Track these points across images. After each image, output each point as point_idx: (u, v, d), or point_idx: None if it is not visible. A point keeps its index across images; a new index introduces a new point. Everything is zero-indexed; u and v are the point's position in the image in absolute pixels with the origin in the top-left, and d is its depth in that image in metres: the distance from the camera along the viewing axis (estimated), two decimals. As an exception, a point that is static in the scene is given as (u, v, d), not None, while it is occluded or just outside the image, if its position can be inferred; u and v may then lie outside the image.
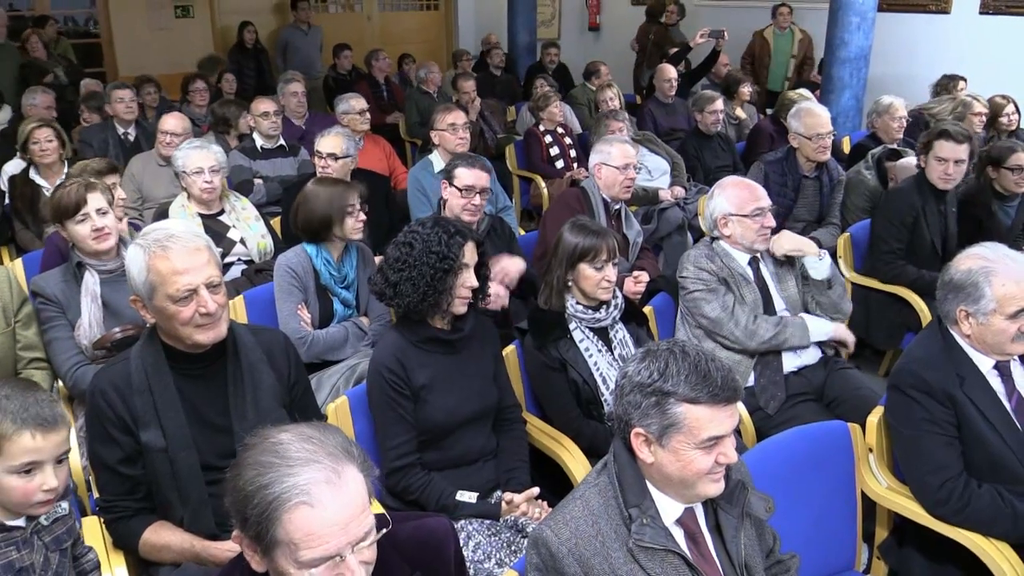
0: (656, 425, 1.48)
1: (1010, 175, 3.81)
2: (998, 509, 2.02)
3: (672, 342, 1.55)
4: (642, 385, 1.49)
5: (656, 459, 1.50)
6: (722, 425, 1.47)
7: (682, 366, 1.47)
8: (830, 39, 6.16)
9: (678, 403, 1.46)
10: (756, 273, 2.89)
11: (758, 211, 2.82)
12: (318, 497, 1.22)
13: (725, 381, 1.46)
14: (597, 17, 10.38)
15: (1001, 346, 2.11)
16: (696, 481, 1.50)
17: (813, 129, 4.00)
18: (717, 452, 1.48)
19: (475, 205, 3.21)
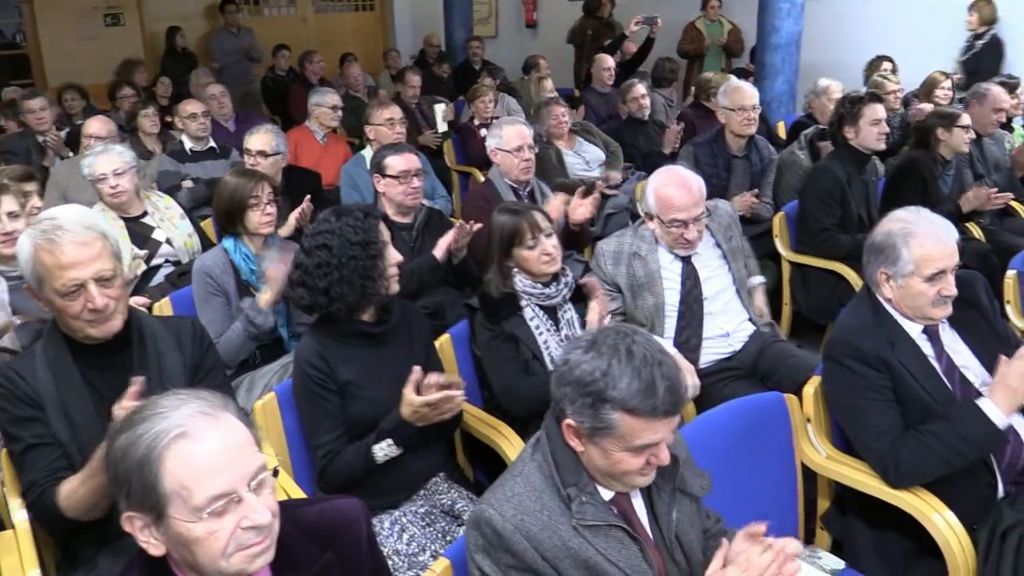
0: (588, 424, 1.42)
1: (962, 134, 3.91)
2: (922, 445, 2.02)
3: (622, 334, 1.45)
4: (580, 382, 1.42)
5: (585, 450, 1.46)
6: (658, 434, 1.41)
7: (625, 370, 1.38)
8: (761, 26, 6.22)
9: (615, 410, 1.39)
10: (685, 264, 2.81)
11: (676, 223, 2.73)
12: (196, 429, 1.19)
13: (668, 393, 1.38)
14: (534, 14, 10.37)
15: (922, 309, 2.11)
16: (623, 477, 1.46)
17: (738, 102, 4.03)
18: (649, 454, 1.43)
19: (415, 188, 3.18)
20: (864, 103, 3.71)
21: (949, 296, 2.09)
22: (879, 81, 5.22)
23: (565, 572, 1.40)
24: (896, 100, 5.17)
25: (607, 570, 1.42)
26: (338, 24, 10.58)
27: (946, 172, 4.01)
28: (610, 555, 1.43)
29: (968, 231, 4.03)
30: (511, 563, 1.40)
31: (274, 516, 1.25)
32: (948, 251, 2.09)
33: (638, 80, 5.54)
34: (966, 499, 2.04)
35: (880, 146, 3.78)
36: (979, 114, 4.32)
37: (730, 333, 2.82)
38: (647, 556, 1.47)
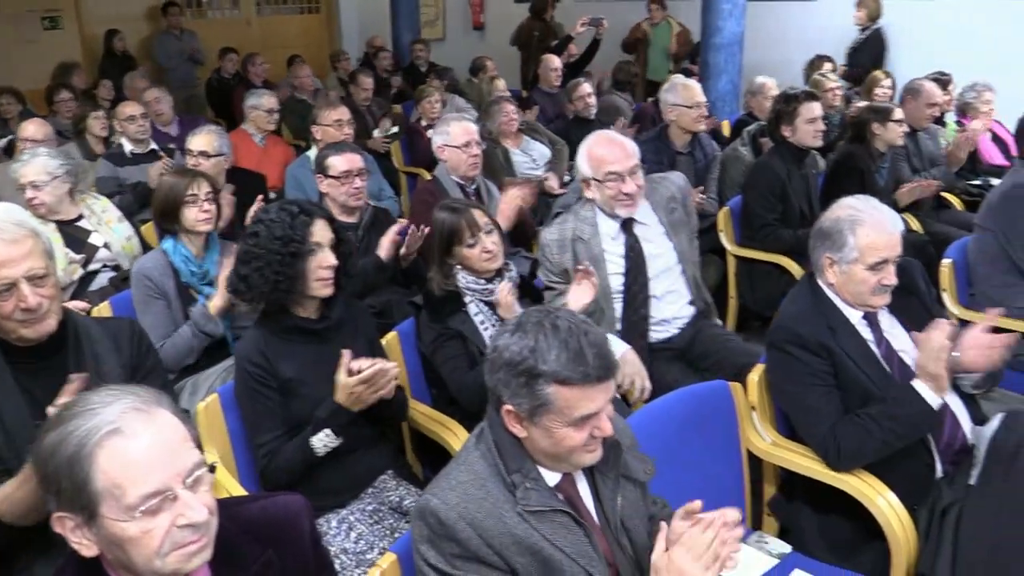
0: (527, 405, 1.41)
1: (895, 128, 4.02)
2: (862, 428, 2.06)
3: (545, 312, 1.47)
4: (511, 363, 1.42)
5: (528, 434, 1.45)
6: (595, 402, 1.41)
7: (552, 343, 1.39)
8: (705, 26, 6.32)
9: (548, 384, 1.39)
10: (628, 238, 2.79)
11: (612, 176, 2.71)
12: (128, 425, 1.15)
13: (598, 359, 1.39)
14: (481, 16, 10.39)
15: (862, 296, 2.16)
16: (570, 455, 1.45)
17: (692, 99, 4.08)
18: (591, 427, 1.42)
19: (357, 188, 3.14)
20: (800, 102, 3.77)
21: (889, 285, 2.14)
22: (818, 80, 5.33)
23: (511, 559, 1.39)
24: (835, 98, 5.29)
25: (553, 555, 1.41)
26: (283, 26, 10.46)
27: (882, 165, 4.12)
28: (556, 540, 1.42)
29: (906, 223, 4.13)
30: (456, 552, 1.39)
31: (211, 514, 1.22)
32: (893, 242, 2.13)
33: (584, 79, 5.57)
34: (906, 480, 2.08)
35: (817, 143, 3.85)
36: (913, 109, 4.45)
37: (671, 319, 2.84)
38: (593, 541, 1.47)
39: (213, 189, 2.84)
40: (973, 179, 4.63)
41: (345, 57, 8.37)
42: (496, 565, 1.39)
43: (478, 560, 1.39)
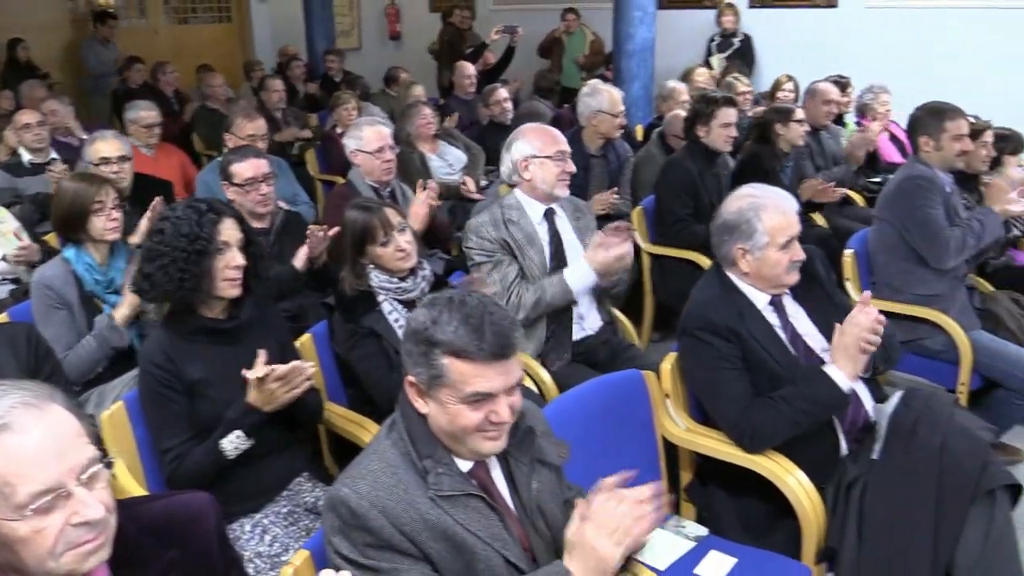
0: (425, 375, 1.43)
1: (797, 128, 4.18)
2: (773, 410, 2.12)
3: (459, 292, 1.49)
4: (415, 332, 1.44)
5: (429, 410, 1.45)
6: (490, 382, 1.41)
7: (454, 316, 1.41)
8: (616, 33, 6.44)
9: (443, 355, 1.40)
10: (550, 225, 2.86)
11: (560, 153, 2.82)
12: (18, 420, 1.11)
13: (496, 337, 1.40)
14: (397, 26, 10.36)
15: (779, 277, 2.23)
16: (466, 437, 1.44)
17: (616, 107, 4.16)
18: (487, 409, 1.42)
19: (263, 195, 3.07)
20: (719, 105, 3.87)
21: (799, 261, 2.22)
22: (731, 83, 5.49)
23: (424, 545, 1.38)
24: (746, 101, 5.45)
25: (466, 539, 1.40)
26: (193, 36, 10.21)
27: (786, 164, 4.27)
28: (469, 525, 1.42)
29: (811, 219, 4.30)
30: (368, 541, 1.37)
31: (109, 511, 1.18)
32: (794, 219, 2.22)
33: (501, 85, 5.61)
34: (814, 459, 2.15)
35: (727, 148, 3.95)
36: (812, 108, 4.63)
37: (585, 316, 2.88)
38: (507, 525, 1.47)
39: (120, 196, 2.75)
40: (874, 177, 4.82)
41: (259, 67, 8.23)
42: (409, 552, 1.38)
43: (391, 548, 1.37)
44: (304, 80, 7.92)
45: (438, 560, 1.39)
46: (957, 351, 3.00)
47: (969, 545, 1.91)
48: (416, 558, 1.38)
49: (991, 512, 1.93)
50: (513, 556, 1.45)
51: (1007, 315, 3.21)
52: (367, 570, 1.37)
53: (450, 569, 1.40)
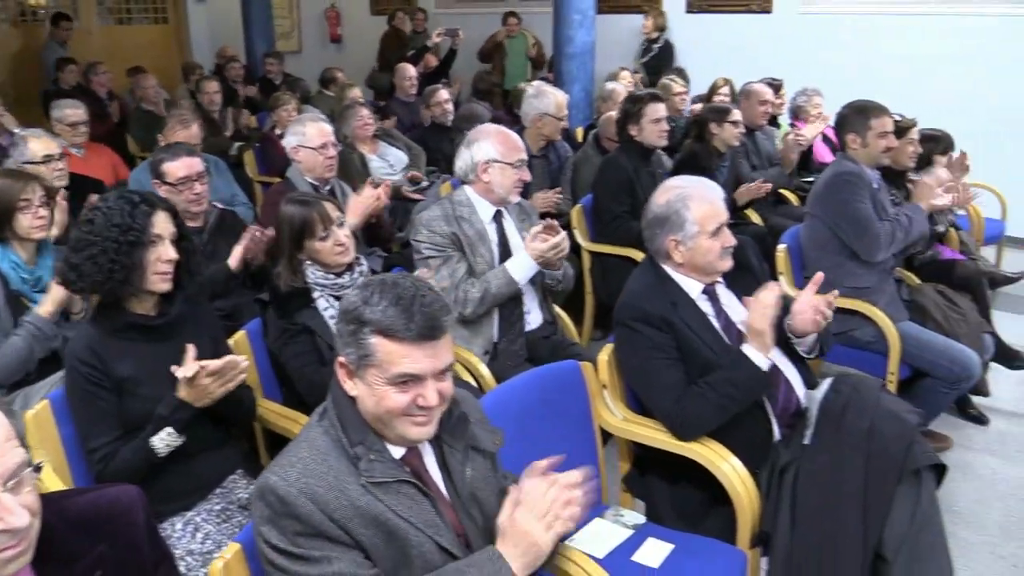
0: (354, 355, 1.42)
1: (732, 129, 4.26)
2: (702, 396, 2.15)
3: (396, 277, 1.47)
4: (346, 311, 1.44)
5: (358, 392, 1.44)
6: (417, 363, 1.40)
7: (385, 296, 1.40)
8: (556, 36, 6.50)
9: (372, 334, 1.39)
10: (498, 227, 2.89)
11: (520, 161, 2.85)
12: None
13: (425, 318, 1.39)
14: (338, 29, 10.29)
15: (712, 265, 2.27)
16: (392, 420, 1.42)
17: (561, 109, 4.21)
18: (415, 393, 1.41)
19: (196, 194, 3.01)
20: (645, 103, 3.94)
21: (731, 247, 2.26)
22: (666, 84, 5.58)
23: (355, 532, 1.36)
24: (682, 102, 5.55)
25: (399, 525, 1.39)
26: (128, 37, 9.98)
27: (722, 164, 4.35)
28: (401, 511, 1.40)
29: (747, 217, 4.39)
30: (298, 529, 1.34)
31: (33, 515, 1.13)
32: (721, 207, 2.27)
33: (442, 86, 5.61)
34: (748, 445, 2.19)
35: (662, 143, 4.03)
36: (748, 109, 4.73)
37: (529, 311, 2.89)
38: (440, 512, 1.46)
39: (47, 193, 2.68)
40: (807, 177, 4.94)
41: (197, 68, 8.10)
42: (340, 539, 1.36)
43: (321, 536, 1.35)
44: (243, 82, 7.81)
45: (370, 547, 1.38)
46: (886, 342, 3.09)
47: (896, 524, 1.96)
48: (348, 546, 1.36)
49: (917, 492, 1.99)
50: (446, 542, 1.44)
51: (933, 307, 3.31)
52: (298, 559, 1.35)
53: (383, 556, 1.39)
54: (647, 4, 7.67)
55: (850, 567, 1.97)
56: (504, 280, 2.75)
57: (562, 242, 2.75)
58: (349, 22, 10.23)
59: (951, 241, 4.20)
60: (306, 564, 1.34)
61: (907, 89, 5.29)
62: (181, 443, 1.98)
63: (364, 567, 1.36)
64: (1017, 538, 2.86)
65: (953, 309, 3.33)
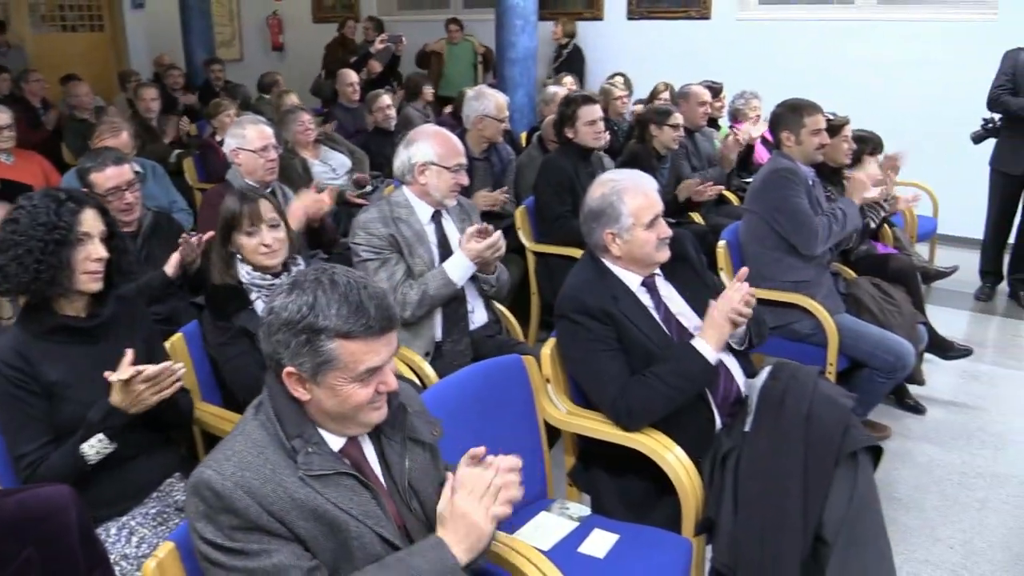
0: (309, 364, 1.37)
1: (671, 132, 4.33)
2: (647, 386, 2.17)
3: (320, 270, 1.43)
4: (290, 323, 1.37)
5: (313, 396, 1.41)
6: (379, 355, 1.39)
7: (332, 298, 1.36)
8: (499, 42, 6.56)
9: (331, 339, 1.36)
10: (438, 227, 2.88)
11: (459, 165, 2.84)
12: None
13: (379, 311, 1.38)
14: (280, 37, 10.19)
15: (650, 256, 2.29)
16: (358, 414, 1.42)
17: (502, 111, 4.21)
18: (376, 382, 1.41)
19: (128, 204, 2.93)
20: (579, 105, 3.98)
21: (667, 238, 2.29)
22: (607, 88, 5.64)
23: (293, 524, 1.34)
24: (623, 105, 5.61)
25: (337, 517, 1.37)
26: (62, 45, 9.74)
27: (663, 165, 4.41)
28: (341, 503, 1.38)
29: (690, 217, 4.45)
30: (234, 524, 1.31)
31: None
32: (655, 198, 2.30)
33: (384, 91, 5.60)
34: (691, 435, 2.21)
35: (598, 144, 4.06)
36: (688, 111, 4.81)
37: (472, 310, 2.88)
38: (381, 503, 1.44)
39: None
40: (747, 177, 5.03)
41: (135, 76, 7.94)
42: (278, 532, 1.33)
43: (259, 529, 1.32)
44: (182, 89, 7.69)
45: (309, 539, 1.35)
46: (825, 334, 3.16)
47: (836, 506, 1.99)
48: (286, 539, 1.33)
49: (855, 474, 2.02)
50: (388, 533, 1.42)
51: (869, 299, 3.39)
52: (235, 553, 1.31)
53: (322, 548, 1.36)
54: (588, 11, 7.75)
55: (791, 550, 1.99)
56: (442, 281, 2.73)
57: (498, 241, 2.74)
58: (291, 30, 10.14)
59: (886, 237, 4.32)
60: (244, 558, 1.31)
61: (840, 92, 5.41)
62: (113, 450, 1.92)
63: (303, 559, 1.34)
64: (954, 521, 2.94)
65: (888, 301, 3.41)
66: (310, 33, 9.60)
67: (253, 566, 1.31)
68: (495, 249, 2.74)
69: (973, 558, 2.74)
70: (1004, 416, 3.71)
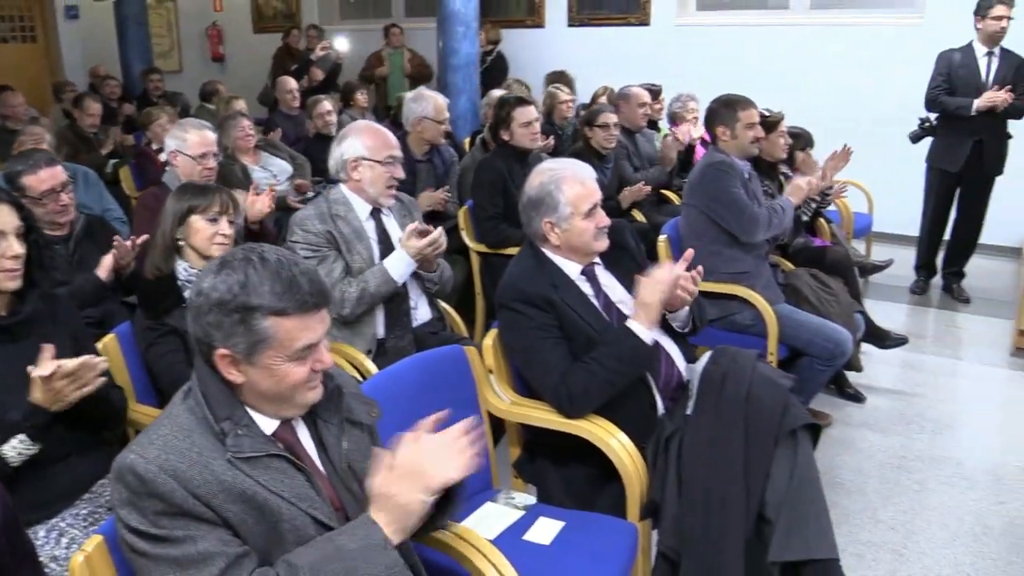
0: (243, 344, 1.33)
1: (600, 132, 4.37)
2: (587, 371, 2.17)
3: (249, 248, 1.40)
4: (222, 303, 1.33)
5: (247, 378, 1.37)
6: (315, 332, 1.37)
7: (264, 275, 1.33)
8: (441, 49, 6.54)
9: (265, 317, 1.33)
10: (377, 224, 2.84)
11: (391, 159, 2.80)
12: None
13: (312, 286, 1.35)
14: (220, 47, 10.05)
15: (588, 245, 2.29)
16: (295, 394, 1.39)
17: (441, 114, 4.17)
18: (312, 360, 1.38)
19: (64, 205, 2.85)
20: (513, 107, 3.99)
21: (605, 227, 2.29)
22: (553, 92, 5.65)
23: (221, 508, 1.29)
24: (568, 109, 5.64)
25: (268, 499, 1.33)
26: (-7, 57, 9.52)
27: (605, 165, 4.45)
28: (271, 486, 1.34)
29: (633, 217, 4.49)
30: (159, 509, 1.26)
31: None
32: (593, 187, 2.30)
33: (325, 98, 5.56)
34: (634, 420, 2.22)
35: (534, 145, 4.06)
36: (628, 111, 4.86)
37: (416, 308, 2.86)
38: (316, 485, 1.41)
39: None
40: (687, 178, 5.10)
41: (71, 87, 7.77)
42: (205, 517, 1.28)
43: (185, 514, 1.27)
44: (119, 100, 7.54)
45: (238, 523, 1.31)
46: (765, 324, 3.20)
47: (777, 484, 2.02)
48: (213, 523, 1.29)
49: (794, 452, 2.05)
50: (322, 515, 1.38)
51: (807, 289, 3.46)
52: (160, 540, 1.27)
53: (252, 532, 1.32)
54: (529, 18, 7.81)
55: (735, 529, 2.01)
56: (382, 278, 2.70)
57: (439, 238, 2.72)
58: (232, 40, 10.02)
59: (822, 233, 4.41)
60: (169, 545, 1.27)
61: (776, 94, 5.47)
62: (36, 451, 1.85)
63: (232, 544, 1.29)
64: (894, 503, 3.00)
65: (825, 291, 3.48)
66: (251, 43, 9.50)
67: (177, 554, 1.26)
68: (436, 246, 2.72)
69: (913, 537, 2.80)
70: (941, 402, 3.81)
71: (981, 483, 3.13)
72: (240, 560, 1.29)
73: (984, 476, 3.18)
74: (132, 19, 8.54)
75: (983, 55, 4.80)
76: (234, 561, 1.28)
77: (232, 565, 1.27)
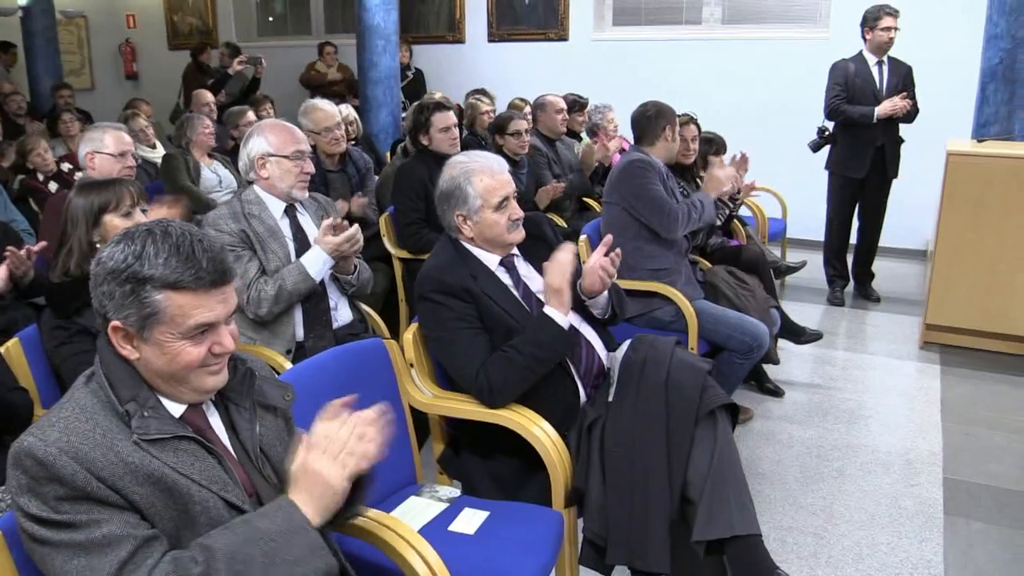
0: (135, 316, 1.29)
1: (512, 140, 4.46)
2: (506, 360, 2.17)
3: (155, 222, 1.35)
4: (116, 272, 1.29)
5: (141, 354, 1.32)
6: (212, 311, 1.31)
7: (161, 247, 1.29)
8: (361, 63, 6.52)
9: (157, 290, 1.28)
10: (293, 222, 2.80)
11: (299, 153, 2.75)
12: None
13: (212, 263, 1.31)
14: (133, 65, 9.80)
15: (501, 237, 2.30)
16: (189, 375, 1.33)
17: (321, 124, 4.03)
18: (210, 341, 1.33)
19: None
20: (431, 112, 4.01)
21: (519, 220, 2.30)
22: (473, 103, 5.69)
23: (127, 491, 1.24)
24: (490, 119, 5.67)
25: (178, 481, 1.28)
26: None
27: (520, 170, 4.51)
28: (180, 468, 1.29)
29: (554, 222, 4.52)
30: (60, 494, 1.20)
31: None
32: (505, 180, 2.30)
33: (248, 108, 5.47)
34: (556, 409, 2.23)
35: (453, 150, 4.02)
36: (546, 119, 4.93)
37: (336, 308, 2.82)
38: (227, 468, 1.36)
39: None
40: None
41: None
42: (110, 500, 1.23)
43: (87, 498, 1.21)
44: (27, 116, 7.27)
45: (146, 507, 1.25)
46: (685, 320, 3.26)
47: (698, 464, 2.04)
48: (119, 507, 1.23)
49: (714, 432, 2.08)
50: (235, 498, 1.34)
51: (725, 285, 3.54)
52: (62, 527, 1.20)
53: (161, 515, 1.27)
54: (450, 33, 7.85)
55: (659, 512, 2.03)
56: (299, 276, 2.65)
57: (356, 235, 2.69)
58: (145, 58, 9.78)
59: (738, 234, 4.52)
60: (71, 531, 1.20)
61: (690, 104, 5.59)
62: None
63: (139, 527, 1.24)
64: (814, 490, 3.07)
65: (742, 287, 3.56)
66: (166, 60, 9.28)
67: (81, 539, 1.20)
68: (352, 243, 2.69)
69: (833, 520, 2.87)
70: (855, 394, 3.94)
71: (894, 467, 3.24)
72: (149, 543, 1.23)
73: (897, 461, 3.29)
74: (40, 36, 8.26)
75: (874, 64, 5.02)
76: (142, 544, 1.23)
77: (140, 548, 1.22)
